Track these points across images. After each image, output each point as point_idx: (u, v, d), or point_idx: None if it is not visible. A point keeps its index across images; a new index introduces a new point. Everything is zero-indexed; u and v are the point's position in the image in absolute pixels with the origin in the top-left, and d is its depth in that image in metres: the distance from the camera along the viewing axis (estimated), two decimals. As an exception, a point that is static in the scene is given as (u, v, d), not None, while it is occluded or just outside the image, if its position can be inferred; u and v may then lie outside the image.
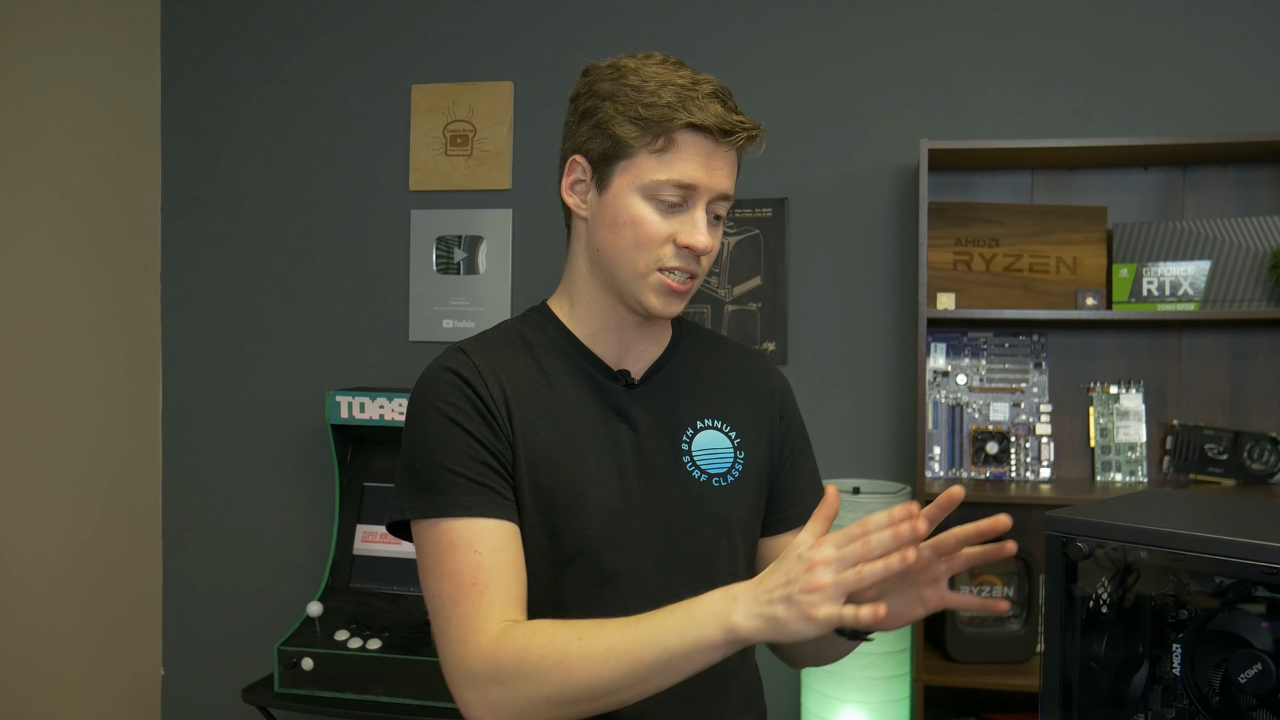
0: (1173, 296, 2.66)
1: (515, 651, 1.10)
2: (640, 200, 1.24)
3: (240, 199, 3.31)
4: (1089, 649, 1.01)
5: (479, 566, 1.16)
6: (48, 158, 2.90)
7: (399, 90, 3.20)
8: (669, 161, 1.23)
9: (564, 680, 1.08)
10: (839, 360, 2.95)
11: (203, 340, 3.34)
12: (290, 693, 2.77)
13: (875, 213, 2.93)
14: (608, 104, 1.26)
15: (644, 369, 1.36)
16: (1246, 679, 0.99)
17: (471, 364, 1.28)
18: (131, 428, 3.24)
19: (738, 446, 1.37)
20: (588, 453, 1.28)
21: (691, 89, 1.23)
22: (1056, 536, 0.97)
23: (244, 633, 3.26)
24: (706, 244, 1.24)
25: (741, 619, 1.03)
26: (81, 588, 3.03)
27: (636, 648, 1.06)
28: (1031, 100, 2.85)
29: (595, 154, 1.27)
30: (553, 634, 1.11)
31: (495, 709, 1.11)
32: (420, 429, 1.25)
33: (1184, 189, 2.77)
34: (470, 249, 3.15)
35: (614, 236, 1.26)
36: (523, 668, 1.09)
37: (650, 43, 3.02)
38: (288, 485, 3.26)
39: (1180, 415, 2.77)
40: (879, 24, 2.94)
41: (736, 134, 1.24)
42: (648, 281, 1.26)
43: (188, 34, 3.34)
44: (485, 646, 1.12)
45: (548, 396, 1.29)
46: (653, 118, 1.22)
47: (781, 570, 1.04)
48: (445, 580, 1.17)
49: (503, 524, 1.20)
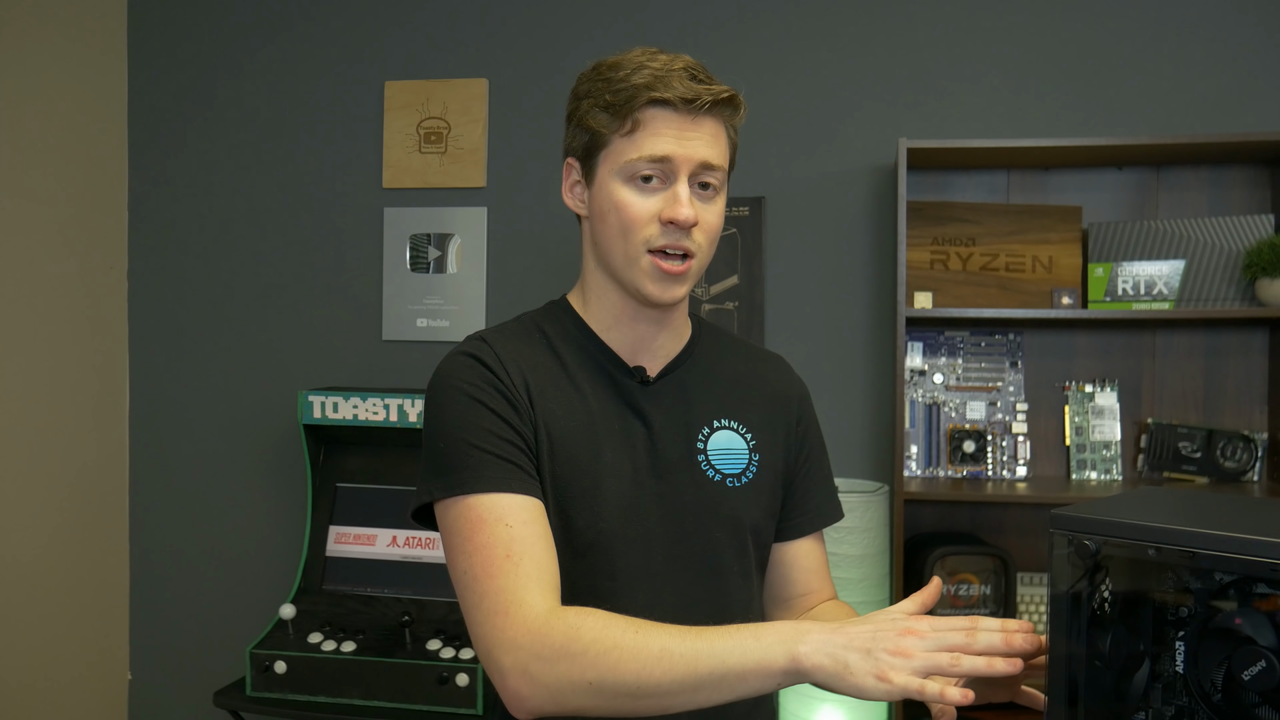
0: (1147, 296, 2.68)
1: (566, 630, 1.07)
2: (620, 184, 1.25)
3: (210, 196, 3.26)
4: (1092, 647, 1.01)
5: (512, 540, 1.14)
6: (11, 154, 2.84)
7: (372, 87, 3.16)
8: (638, 140, 1.23)
9: (611, 669, 1.04)
10: (816, 359, 2.94)
11: (171, 339, 3.28)
12: (263, 696, 2.73)
13: (853, 212, 2.93)
14: (585, 101, 1.28)
15: (660, 366, 1.36)
16: (1250, 676, 0.99)
17: (492, 351, 1.28)
18: (98, 428, 3.18)
19: (753, 449, 1.37)
20: (603, 445, 1.27)
21: (661, 70, 1.23)
22: (1064, 534, 0.96)
23: (215, 636, 3.21)
24: (688, 215, 1.22)
25: (809, 652, 1.01)
26: (45, 591, 2.97)
27: (695, 655, 1.04)
28: (1008, 100, 2.87)
29: (580, 152, 1.29)
30: (608, 621, 1.07)
31: (535, 683, 1.07)
32: (443, 410, 1.24)
33: (1158, 189, 2.79)
34: (444, 247, 3.12)
35: (604, 226, 1.27)
36: (571, 647, 1.06)
37: (625, 39, 3.00)
38: (259, 486, 3.22)
39: (1154, 414, 2.79)
40: (857, 23, 2.94)
41: (700, 100, 1.22)
42: (640, 266, 1.26)
43: (155, 29, 3.28)
44: (533, 620, 1.09)
45: (566, 387, 1.29)
46: (617, 101, 1.23)
47: (870, 625, 1.03)
48: (476, 555, 1.14)
49: (531, 500, 1.19)
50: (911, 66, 2.91)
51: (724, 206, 1.30)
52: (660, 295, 1.27)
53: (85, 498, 3.13)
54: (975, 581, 2.66)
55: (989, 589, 2.65)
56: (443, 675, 2.59)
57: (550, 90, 3.06)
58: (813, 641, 1.02)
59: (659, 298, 1.27)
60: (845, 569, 2.58)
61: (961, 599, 2.66)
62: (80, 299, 3.11)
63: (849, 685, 1.00)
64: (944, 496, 2.63)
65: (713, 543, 1.30)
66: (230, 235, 3.25)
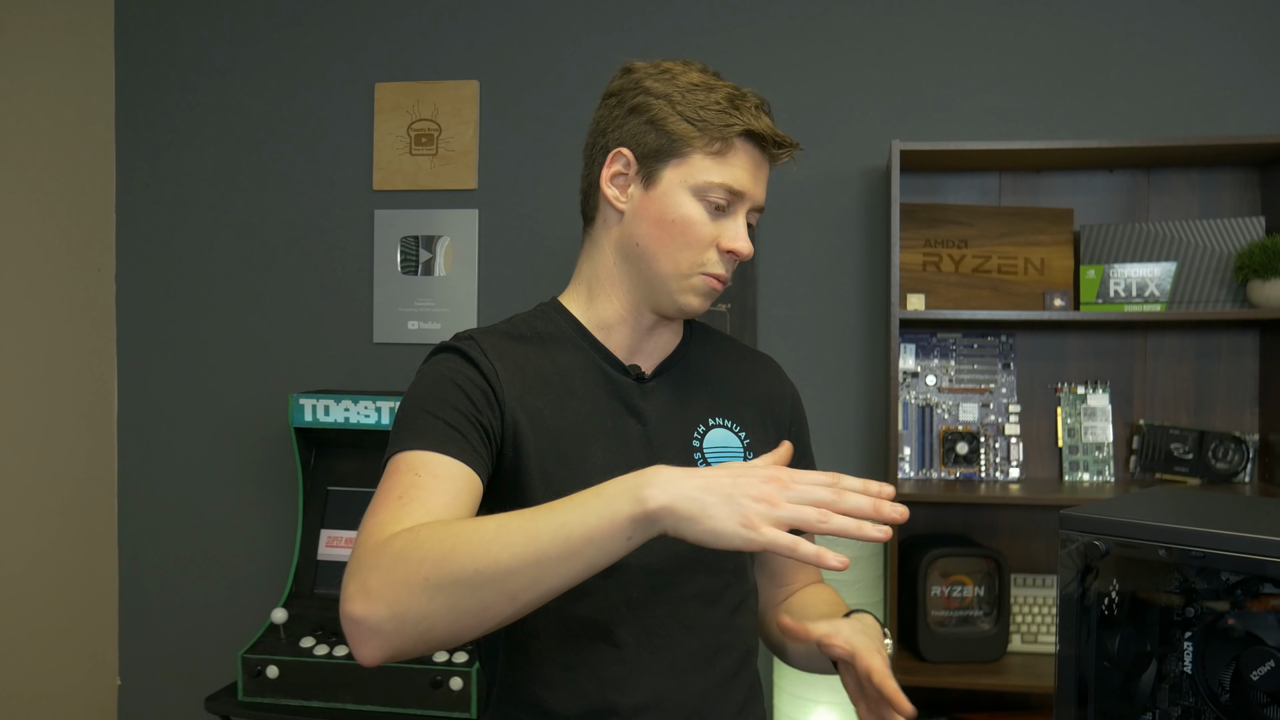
0: (1139, 298, 2.68)
1: (406, 538, 0.99)
2: (691, 199, 1.26)
3: (199, 199, 3.24)
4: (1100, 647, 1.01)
5: (411, 485, 1.08)
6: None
7: (362, 89, 3.15)
8: (724, 164, 1.25)
9: (444, 559, 0.95)
10: (810, 361, 2.95)
11: (160, 342, 3.26)
12: (255, 701, 2.71)
13: (845, 214, 2.94)
14: (662, 101, 1.27)
15: (655, 364, 1.36)
16: (1259, 676, 0.99)
17: (479, 347, 1.27)
18: (87, 432, 3.16)
19: (747, 447, 1.38)
20: (595, 444, 1.27)
21: (742, 98, 1.27)
22: (1073, 536, 0.96)
23: (206, 641, 3.19)
24: (749, 250, 1.28)
25: (657, 493, 0.94)
26: (34, 596, 2.95)
27: (534, 526, 0.96)
28: (999, 103, 2.87)
29: (646, 149, 1.28)
30: (451, 521, 1.01)
31: (372, 597, 0.96)
32: (413, 389, 1.24)
33: (1149, 191, 2.80)
34: (435, 249, 3.11)
35: (659, 233, 1.27)
36: (406, 550, 0.97)
37: (617, 45, 3.02)
38: (250, 490, 3.20)
39: (1146, 415, 2.80)
40: (849, 26, 2.94)
41: (785, 148, 1.29)
42: (690, 282, 1.28)
43: (143, 30, 3.26)
44: (378, 537, 1.01)
45: (557, 386, 1.29)
46: (712, 120, 1.25)
47: (729, 469, 0.97)
48: (374, 501, 1.09)
49: (457, 463, 1.13)
50: (904, 70, 2.92)
51: None
52: (697, 309, 1.31)
53: (74, 502, 3.11)
54: (969, 583, 2.67)
55: (983, 590, 2.65)
56: (436, 679, 2.58)
57: (541, 92, 3.05)
58: (661, 482, 0.95)
59: (694, 310, 1.31)
60: (838, 572, 2.57)
61: (955, 600, 2.66)
62: (68, 301, 3.08)
63: (706, 530, 0.93)
64: (937, 498, 2.63)
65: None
66: (220, 237, 3.23)
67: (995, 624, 2.65)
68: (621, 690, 1.24)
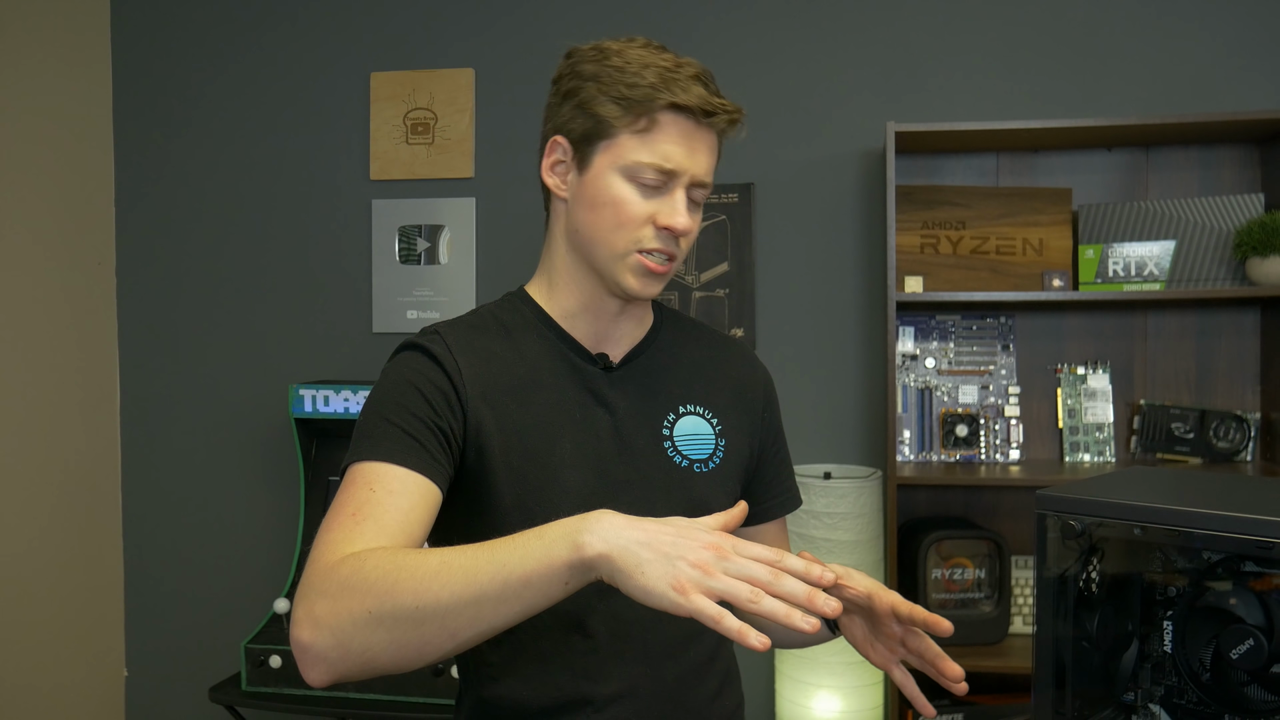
0: (1138, 277, 2.67)
1: (353, 566, 0.99)
2: (621, 180, 1.23)
3: (197, 190, 3.25)
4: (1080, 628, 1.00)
5: (365, 501, 1.09)
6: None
7: (358, 78, 3.15)
8: (651, 142, 1.22)
9: (388, 592, 0.96)
10: (808, 345, 2.94)
11: (161, 334, 3.27)
12: (259, 691, 2.73)
13: (842, 197, 2.92)
14: (590, 84, 1.24)
15: (624, 352, 1.35)
16: (1239, 654, 0.98)
17: (443, 343, 1.26)
18: (89, 425, 3.17)
19: (719, 434, 1.36)
20: (563, 436, 1.26)
21: (675, 70, 1.22)
22: (1048, 515, 0.95)
23: (210, 631, 3.21)
24: (686, 225, 1.23)
25: (593, 540, 0.92)
26: (40, 589, 2.97)
27: (474, 564, 0.95)
28: (996, 82, 2.86)
29: (576, 134, 1.26)
30: (397, 553, 1.01)
31: (319, 625, 0.98)
32: (375, 390, 1.24)
33: (1147, 169, 2.78)
34: (433, 238, 3.11)
35: (594, 217, 1.25)
36: (352, 580, 0.98)
37: (612, 29, 3.00)
38: (251, 481, 3.21)
39: (1147, 395, 2.78)
40: (843, 7, 2.93)
41: (718, 116, 1.23)
42: (626, 262, 1.25)
43: (140, 22, 3.26)
44: (327, 562, 1.02)
45: (523, 379, 1.28)
46: (635, 97, 1.21)
47: (673, 526, 0.94)
48: (331, 512, 1.10)
49: (413, 475, 1.13)
50: (900, 50, 2.90)
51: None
52: (642, 291, 1.27)
53: (78, 494, 3.12)
54: (970, 565, 2.66)
55: (984, 573, 2.65)
56: (437, 666, 2.59)
57: (537, 79, 3.04)
58: (600, 531, 0.93)
59: (640, 293, 1.27)
60: (839, 555, 2.57)
61: (956, 583, 2.65)
62: (68, 296, 3.09)
63: (637, 586, 0.91)
64: (937, 481, 2.62)
65: None
66: (218, 229, 3.23)
67: (996, 606, 2.64)
68: (595, 680, 1.24)
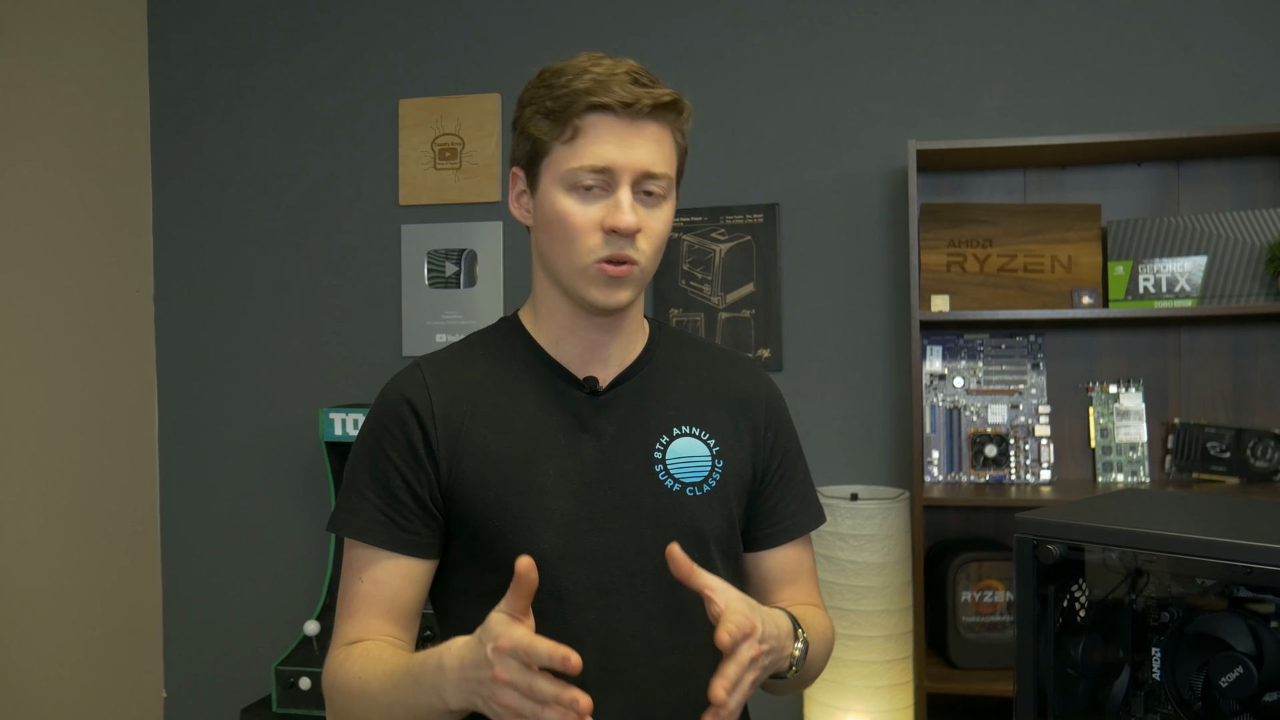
0: (1169, 293, 2.62)
1: (335, 676, 1.23)
2: (562, 193, 1.22)
3: (231, 218, 3.31)
4: (1065, 654, 0.98)
5: (356, 593, 1.26)
6: (38, 182, 2.90)
7: (387, 105, 3.19)
8: (578, 148, 1.20)
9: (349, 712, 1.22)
10: (834, 365, 2.92)
11: (197, 361, 3.32)
12: (288, 712, 2.75)
13: (867, 216, 2.91)
14: (527, 108, 1.26)
15: (613, 375, 1.32)
16: (1228, 683, 0.96)
17: (424, 382, 1.28)
18: (129, 449, 3.23)
19: (716, 455, 1.32)
20: (545, 463, 1.25)
21: (603, 75, 1.20)
22: (1027, 539, 0.93)
23: (244, 653, 3.24)
24: (630, 222, 1.19)
25: (452, 698, 1.06)
26: (82, 610, 3.02)
27: (389, 701, 1.15)
28: (1022, 98, 2.83)
29: (523, 160, 1.27)
30: (353, 668, 1.21)
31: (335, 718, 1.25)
32: (358, 446, 1.31)
33: (1179, 184, 2.73)
34: (461, 262, 3.14)
35: (549, 235, 1.25)
36: (333, 692, 1.24)
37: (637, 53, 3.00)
38: (283, 503, 3.24)
39: (1181, 413, 2.73)
40: (865, 26, 2.92)
41: (640, 104, 1.19)
42: (587, 275, 1.23)
43: (175, 54, 3.33)
44: (332, 664, 1.25)
45: (505, 408, 1.27)
46: (558, 108, 1.20)
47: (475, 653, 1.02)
48: (339, 593, 1.30)
49: (394, 558, 1.26)
50: (923, 67, 2.88)
51: (671, 213, 1.26)
52: (606, 301, 1.24)
53: (118, 518, 3.17)
54: (1000, 588, 2.62)
55: (1014, 595, 2.60)
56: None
57: (562, 103, 3.06)
58: (449, 687, 1.06)
59: (605, 303, 1.24)
60: (866, 577, 2.55)
61: (986, 606, 2.61)
62: (109, 322, 3.15)
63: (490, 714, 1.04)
64: (966, 502, 2.58)
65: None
66: (251, 256, 3.29)
67: (1027, 629, 2.59)
68: None
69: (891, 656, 2.57)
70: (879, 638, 2.56)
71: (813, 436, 2.92)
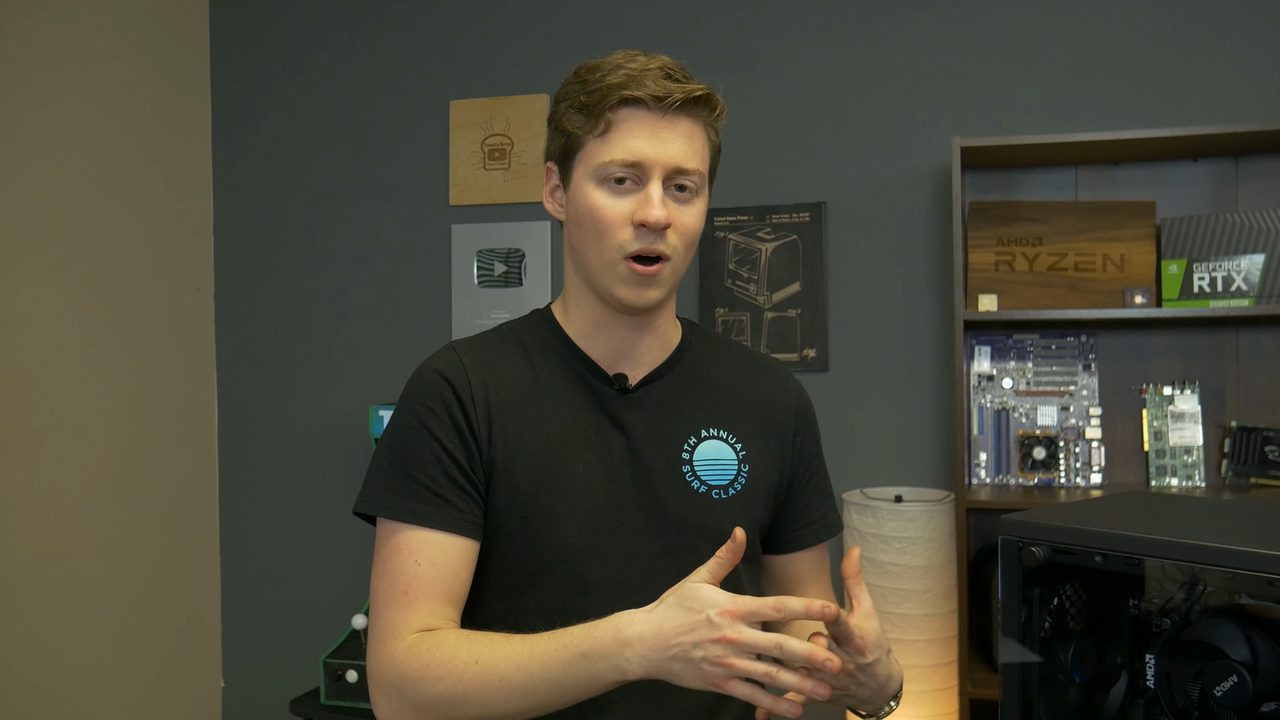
0: (1225, 292, 2.55)
1: (418, 665, 1.12)
2: (593, 187, 1.22)
3: (287, 219, 3.37)
4: (1054, 659, 0.96)
5: (414, 576, 1.18)
6: (105, 187, 2.98)
7: (438, 106, 3.23)
8: (610, 141, 1.21)
9: (460, 699, 1.10)
10: (881, 366, 2.89)
11: (255, 358, 3.40)
12: (336, 705, 2.80)
13: (915, 214, 2.87)
14: (561, 104, 1.27)
15: (643, 373, 1.32)
16: (1222, 692, 0.93)
17: (460, 364, 1.27)
18: (189, 446, 3.31)
19: (743, 459, 1.33)
20: (575, 458, 1.25)
21: (636, 70, 1.21)
22: (1011, 541, 0.92)
23: (296, 645, 3.31)
24: (660, 216, 1.19)
25: (635, 667, 1.03)
26: (144, 603, 3.10)
27: (531, 682, 1.08)
28: (1072, 93, 2.77)
29: (557, 155, 1.28)
30: (454, 653, 1.12)
31: (398, 715, 1.14)
32: (397, 426, 1.26)
33: (1236, 180, 2.66)
34: (510, 262, 3.16)
35: (579, 230, 1.25)
36: (421, 682, 1.11)
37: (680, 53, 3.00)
38: (335, 500, 3.30)
39: (1238, 416, 2.65)
40: (910, 22, 2.88)
41: (672, 97, 1.20)
42: (616, 271, 1.23)
43: (234, 62, 3.41)
44: (397, 654, 1.15)
45: (537, 400, 1.28)
46: (590, 102, 1.21)
47: (683, 620, 1.01)
48: (383, 580, 1.20)
49: (450, 538, 1.20)
50: (970, 63, 2.84)
51: (703, 209, 1.26)
52: (634, 300, 1.24)
53: (179, 514, 3.26)
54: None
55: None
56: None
57: (610, 103, 3.07)
58: (634, 657, 1.03)
59: (633, 302, 1.24)
60: (910, 580, 2.51)
61: (1033, 611, 2.56)
62: (171, 321, 3.24)
63: (681, 684, 1.03)
64: (1013, 504, 2.53)
65: (696, 556, 1.24)
66: (306, 256, 3.35)
67: (1075, 635, 2.54)
68: (603, 711, 1.22)
69: (935, 661, 2.53)
70: (922, 642, 2.53)
71: (858, 437, 2.90)
